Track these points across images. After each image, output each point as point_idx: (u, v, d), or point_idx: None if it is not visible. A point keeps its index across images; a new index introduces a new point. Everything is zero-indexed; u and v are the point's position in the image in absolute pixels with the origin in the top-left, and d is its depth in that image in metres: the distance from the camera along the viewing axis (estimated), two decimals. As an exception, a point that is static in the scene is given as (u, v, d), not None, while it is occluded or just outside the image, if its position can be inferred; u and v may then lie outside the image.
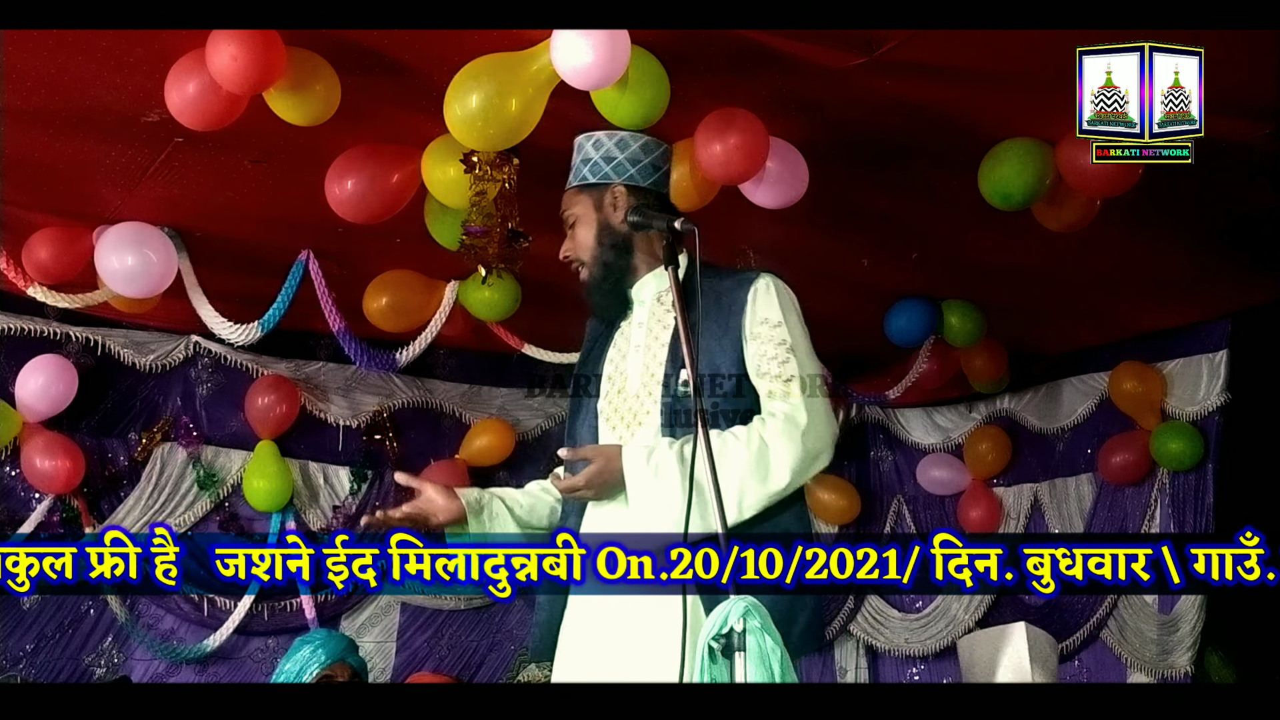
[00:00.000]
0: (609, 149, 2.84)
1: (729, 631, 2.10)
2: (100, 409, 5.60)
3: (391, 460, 6.10)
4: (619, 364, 2.84)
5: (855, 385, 6.20)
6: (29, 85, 3.72)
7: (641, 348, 2.79)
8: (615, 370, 2.83)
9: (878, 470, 7.07)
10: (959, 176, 4.23)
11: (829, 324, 5.78)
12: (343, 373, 6.01)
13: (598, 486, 2.62)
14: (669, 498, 2.54)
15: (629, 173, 2.83)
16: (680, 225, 2.62)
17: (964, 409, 6.80)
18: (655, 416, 2.69)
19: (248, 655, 5.73)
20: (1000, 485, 6.73)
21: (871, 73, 3.69)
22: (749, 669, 2.07)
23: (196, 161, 4.25)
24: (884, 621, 6.81)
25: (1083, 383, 6.37)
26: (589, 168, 2.83)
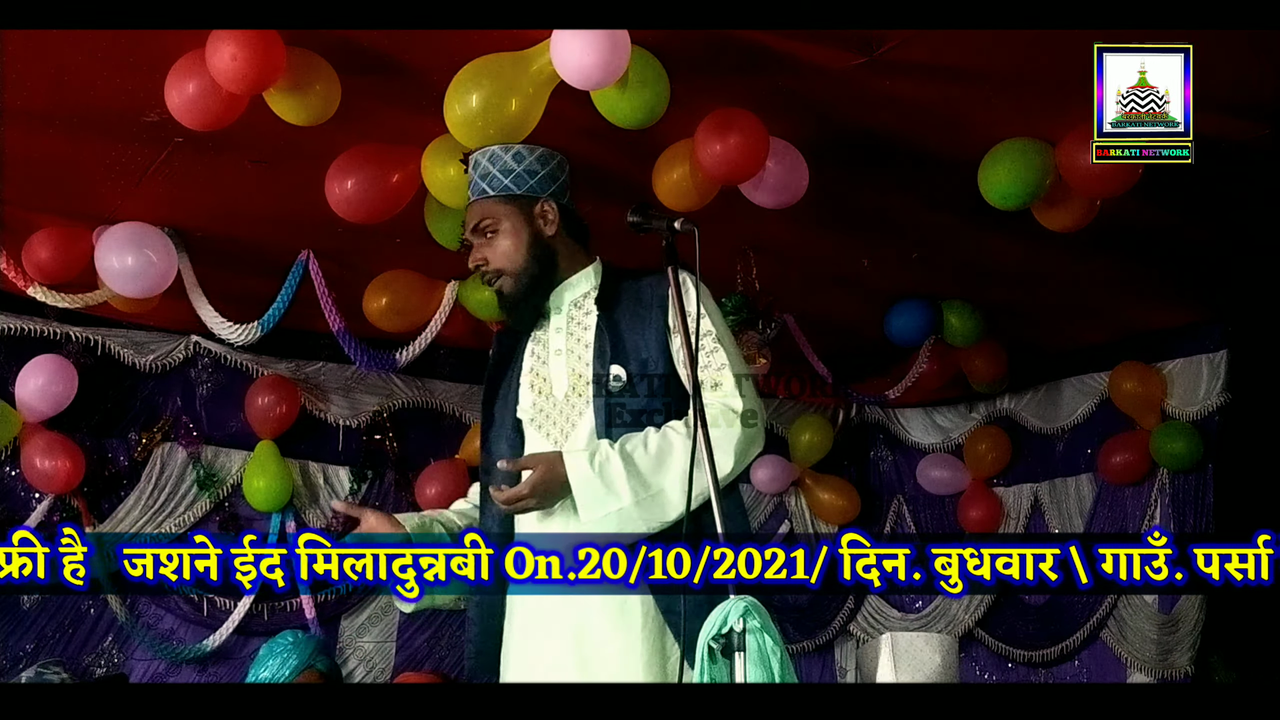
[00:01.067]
0: (530, 162, 2.84)
1: (729, 631, 2.10)
2: (100, 409, 5.60)
3: (392, 460, 6.10)
4: (539, 370, 2.85)
5: (855, 385, 6.20)
6: (29, 85, 3.72)
7: (564, 351, 2.80)
8: (536, 377, 2.85)
9: (878, 470, 7.07)
10: (959, 176, 4.23)
11: (829, 324, 5.82)
12: (343, 373, 6.01)
13: (542, 495, 2.63)
14: (616, 498, 2.59)
15: (551, 188, 2.86)
16: (680, 225, 2.62)
17: (964, 409, 6.80)
18: (588, 418, 2.72)
19: (248, 655, 5.70)
20: (1000, 485, 6.73)
21: (871, 73, 3.69)
22: (749, 669, 2.07)
23: (196, 161, 4.25)
24: (884, 621, 6.81)
25: (1083, 383, 6.37)
26: (511, 178, 2.82)
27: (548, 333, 2.87)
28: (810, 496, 6.81)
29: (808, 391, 6.11)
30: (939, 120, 4.03)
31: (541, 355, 2.87)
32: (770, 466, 6.67)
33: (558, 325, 2.85)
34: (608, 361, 2.73)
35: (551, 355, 2.84)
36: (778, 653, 2.08)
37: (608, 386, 2.71)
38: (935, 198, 4.60)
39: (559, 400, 2.80)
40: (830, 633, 6.77)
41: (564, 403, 2.79)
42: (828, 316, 5.73)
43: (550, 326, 2.87)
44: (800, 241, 4.93)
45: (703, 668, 2.09)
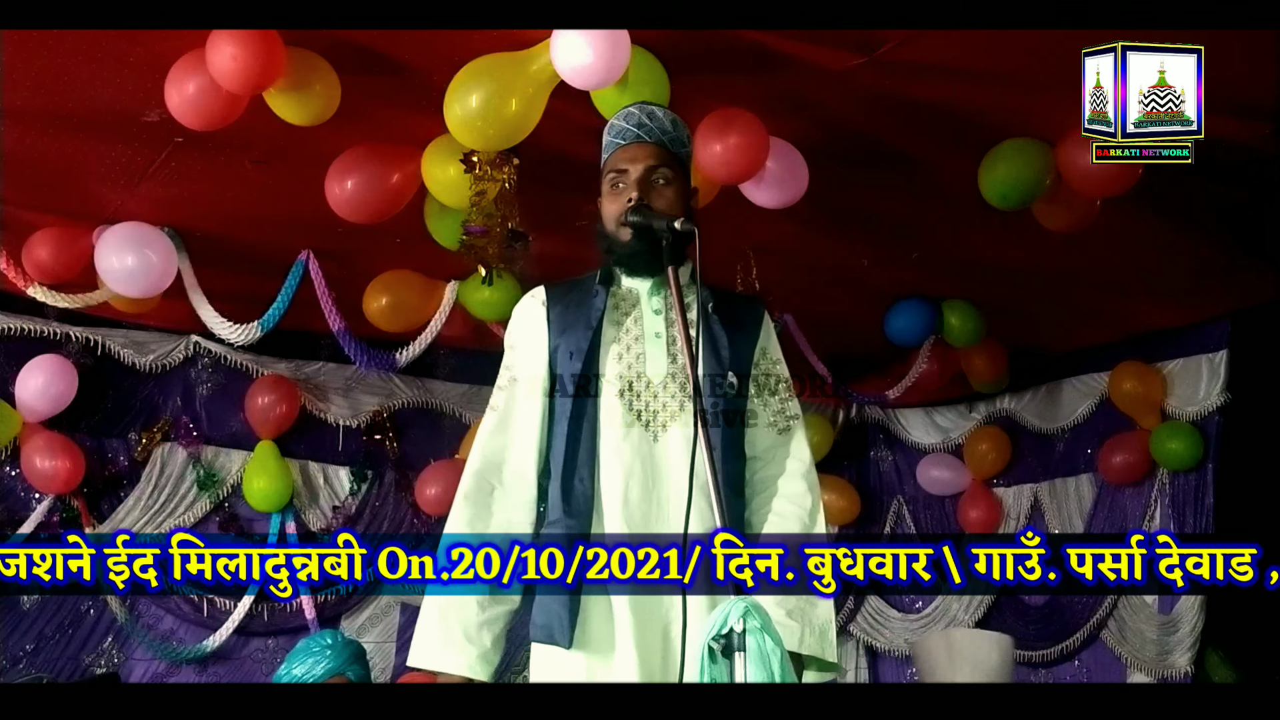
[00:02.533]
0: (685, 132, 2.74)
1: (729, 632, 2.10)
2: (100, 409, 5.60)
3: (392, 460, 6.11)
4: (630, 345, 2.66)
5: (855, 385, 6.20)
6: (29, 85, 3.72)
7: (663, 336, 2.65)
8: (626, 350, 2.66)
9: (878, 470, 7.08)
10: (959, 176, 4.23)
11: (829, 324, 5.82)
12: (343, 373, 6.01)
13: None
14: None
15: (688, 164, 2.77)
16: (680, 225, 2.60)
17: (964, 409, 6.80)
18: (688, 414, 2.59)
19: (247, 655, 5.73)
20: (1000, 485, 6.74)
21: (871, 73, 3.69)
22: (749, 669, 2.07)
23: (196, 161, 4.25)
24: (884, 622, 6.82)
25: (1083, 383, 6.37)
26: (670, 140, 2.68)
27: (640, 309, 2.69)
28: (810, 496, 6.80)
29: (808, 391, 6.12)
30: (939, 120, 4.03)
31: (633, 330, 2.67)
32: (770, 466, 6.67)
33: (655, 307, 2.68)
34: (726, 364, 2.63)
35: (649, 335, 2.66)
36: (778, 653, 2.08)
37: (721, 389, 2.63)
38: (935, 198, 4.60)
39: (653, 384, 2.63)
40: (830, 633, 6.76)
41: (660, 389, 2.63)
42: (828, 316, 5.73)
43: (646, 305, 2.69)
44: (800, 241, 4.93)
45: (703, 668, 2.09)
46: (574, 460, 2.59)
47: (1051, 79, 3.53)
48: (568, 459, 2.59)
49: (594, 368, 2.62)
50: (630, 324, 2.68)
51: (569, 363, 2.63)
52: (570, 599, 2.51)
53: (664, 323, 2.67)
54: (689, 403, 2.60)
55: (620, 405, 2.60)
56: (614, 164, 2.68)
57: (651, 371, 2.64)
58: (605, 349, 2.64)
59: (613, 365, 2.63)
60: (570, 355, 2.63)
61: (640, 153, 2.67)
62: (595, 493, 2.57)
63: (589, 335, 2.63)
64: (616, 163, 2.67)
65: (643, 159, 2.66)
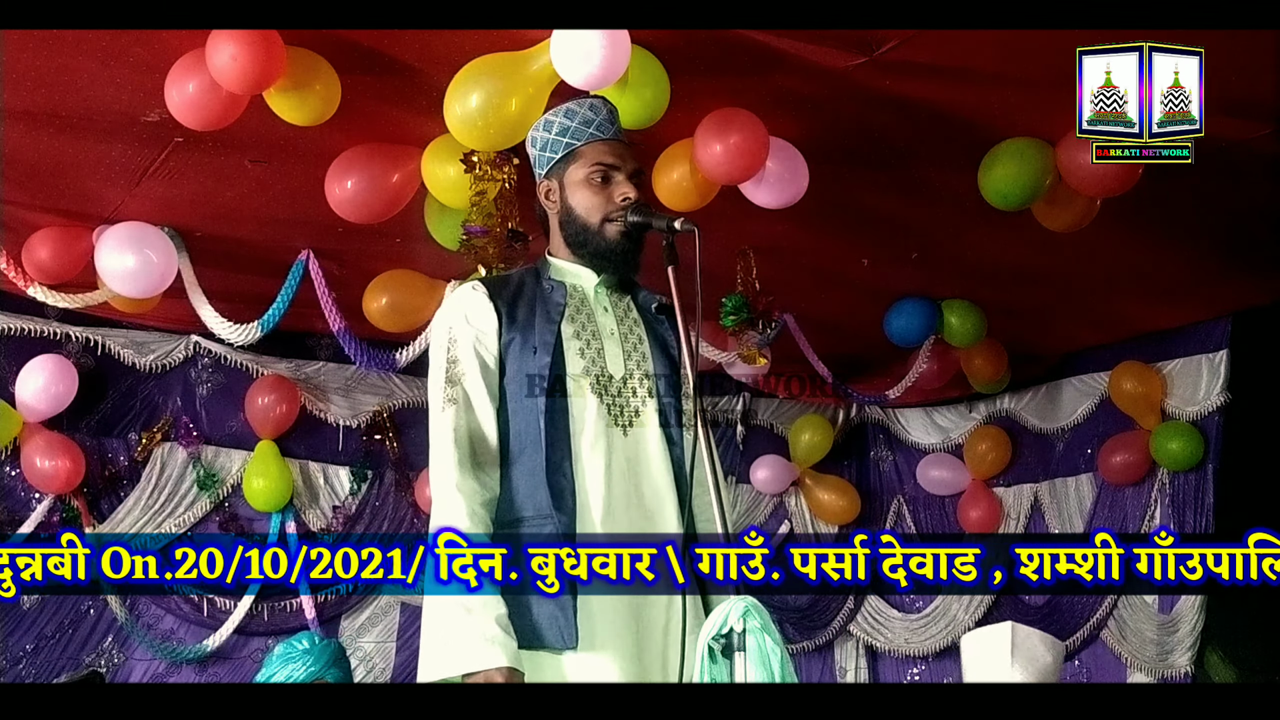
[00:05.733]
0: None
1: (729, 631, 2.10)
2: (100, 409, 5.61)
3: (392, 460, 6.11)
4: (588, 340, 2.63)
5: (855, 385, 6.20)
6: (29, 85, 3.72)
7: (617, 335, 2.64)
8: (585, 345, 2.62)
9: (878, 470, 7.08)
10: (959, 176, 4.23)
11: (829, 324, 5.82)
12: (343, 373, 6.02)
13: None
14: None
15: None
16: (680, 225, 2.59)
17: (964, 409, 6.80)
18: (652, 411, 2.60)
19: (248, 655, 5.73)
20: (1000, 485, 6.74)
21: (871, 73, 3.69)
22: (749, 669, 2.07)
23: (196, 161, 4.25)
24: (884, 622, 6.82)
25: (1083, 383, 6.37)
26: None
27: (589, 306, 2.66)
28: (810, 496, 6.81)
29: (808, 391, 6.12)
30: (939, 120, 4.03)
31: (589, 327, 2.63)
32: (770, 466, 6.67)
33: (604, 304, 2.67)
34: (677, 363, 2.63)
35: (604, 333, 2.64)
36: (778, 653, 2.08)
37: (675, 387, 2.63)
38: (935, 198, 4.60)
39: (615, 381, 2.60)
40: (830, 633, 6.77)
41: (622, 385, 2.61)
42: (828, 316, 5.73)
43: (595, 303, 2.66)
44: (800, 241, 4.93)
45: (703, 668, 2.09)
46: (554, 457, 2.51)
47: (1051, 79, 3.53)
48: (549, 456, 2.51)
49: (561, 365, 2.57)
50: (585, 320, 2.65)
51: (533, 358, 2.57)
52: (568, 600, 2.49)
53: (614, 320, 2.66)
54: (650, 400, 2.60)
55: (594, 401, 2.57)
56: (596, 156, 2.63)
57: (613, 369, 2.62)
58: (568, 345, 2.59)
59: (576, 361, 2.59)
60: (534, 351, 2.57)
61: (626, 152, 2.65)
62: (580, 489, 2.52)
63: (552, 330, 2.58)
64: (600, 155, 2.63)
65: (630, 159, 2.64)
